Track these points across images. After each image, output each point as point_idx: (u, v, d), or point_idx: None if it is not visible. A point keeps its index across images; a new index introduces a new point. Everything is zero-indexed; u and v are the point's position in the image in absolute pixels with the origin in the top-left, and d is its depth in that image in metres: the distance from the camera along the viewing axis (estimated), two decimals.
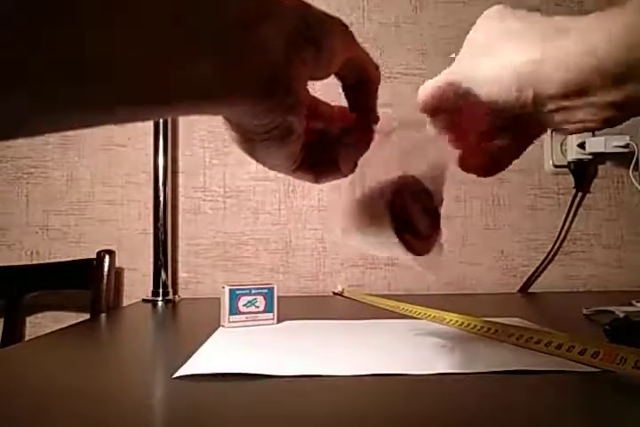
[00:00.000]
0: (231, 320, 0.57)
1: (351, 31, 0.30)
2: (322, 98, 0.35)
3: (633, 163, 0.94)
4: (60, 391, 0.37)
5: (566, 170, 0.98)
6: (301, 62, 0.27)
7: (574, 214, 1.00)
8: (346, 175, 0.34)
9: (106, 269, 0.88)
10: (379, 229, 0.34)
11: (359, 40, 0.31)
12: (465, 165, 0.36)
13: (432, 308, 0.62)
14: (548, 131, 0.36)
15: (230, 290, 0.58)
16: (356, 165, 0.34)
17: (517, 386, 0.36)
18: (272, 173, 1.00)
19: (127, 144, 0.98)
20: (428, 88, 0.37)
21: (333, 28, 0.29)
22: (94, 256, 0.89)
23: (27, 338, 0.93)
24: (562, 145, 0.98)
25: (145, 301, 0.89)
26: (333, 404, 0.33)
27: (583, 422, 0.31)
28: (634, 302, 0.70)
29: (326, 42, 0.28)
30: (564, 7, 1.05)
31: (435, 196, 0.35)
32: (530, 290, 0.97)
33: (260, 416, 0.31)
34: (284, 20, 0.26)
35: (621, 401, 0.34)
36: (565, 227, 0.99)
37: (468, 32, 0.37)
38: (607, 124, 0.32)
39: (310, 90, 0.29)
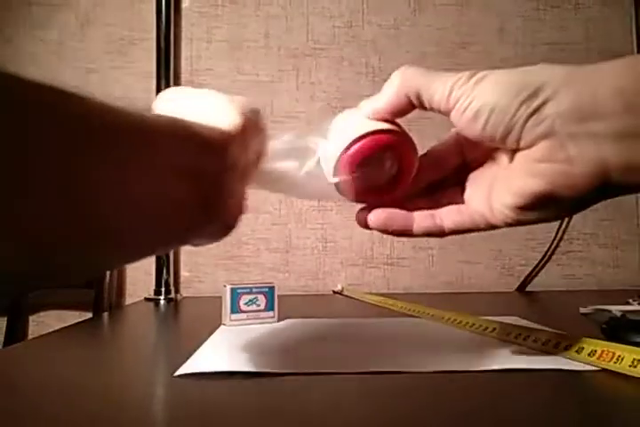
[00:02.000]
0: (232, 319, 0.58)
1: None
2: None
3: None
4: (62, 389, 0.37)
5: None
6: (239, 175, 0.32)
7: None
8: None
9: None
10: None
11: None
12: None
13: (430, 306, 0.62)
14: None
15: (231, 289, 0.58)
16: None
17: (514, 384, 0.36)
18: None
19: None
20: None
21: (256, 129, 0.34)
22: None
23: (30, 337, 0.94)
24: None
25: (147, 299, 0.90)
26: (334, 401, 0.34)
27: (580, 421, 0.31)
28: (630, 301, 0.71)
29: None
30: (561, 9, 1.05)
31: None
32: (527, 289, 0.98)
33: (262, 414, 0.32)
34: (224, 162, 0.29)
35: (618, 400, 0.34)
36: (563, 226, 0.99)
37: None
38: None
39: None
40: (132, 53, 1.00)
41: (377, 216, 0.36)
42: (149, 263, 0.93)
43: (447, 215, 0.36)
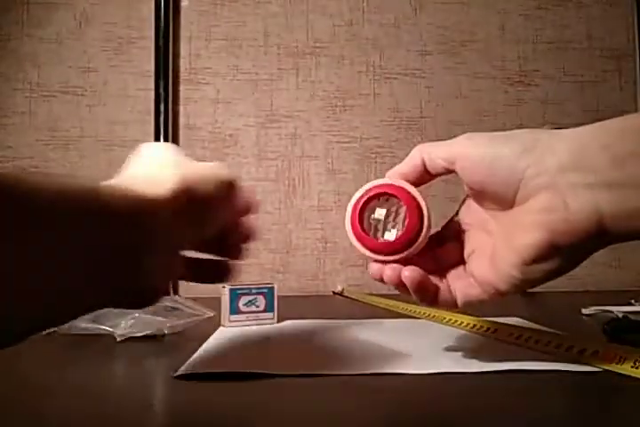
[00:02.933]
0: (231, 320, 0.57)
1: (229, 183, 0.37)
2: None
3: None
4: (61, 389, 0.37)
5: None
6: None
7: None
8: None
9: None
10: None
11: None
12: None
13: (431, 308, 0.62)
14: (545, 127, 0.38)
15: (231, 289, 0.58)
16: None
17: (516, 386, 0.36)
18: (272, 174, 1.00)
19: (128, 145, 0.99)
20: None
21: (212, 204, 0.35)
22: None
23: None
24: None
25: None
26: (334, 402, 0.33)
27: (582, 422, 0.31)
28: (632, 302, 0.71)
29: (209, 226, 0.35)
30: (563, 7, 1.05)
31: None
32: (528, 290, 0.97)
33: (261, 415, 0.31)
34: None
35: (620, 401, 0.34)
36: None
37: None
38: None
39: None
40: (130, 52, 1.00)
41: (412, 276, 0.37)
42: None
43: (459, 288, 0.38)
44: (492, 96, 1.03)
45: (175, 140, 0.98)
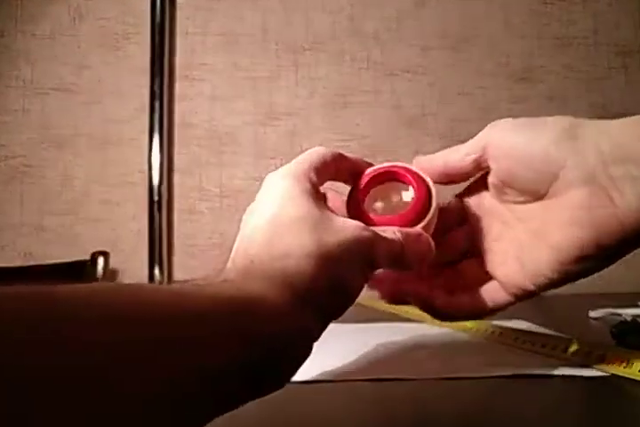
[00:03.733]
0: None
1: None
2: None
3: None
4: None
5: None
6: None
7: None
8: None
9: (100, 270, 0.87)
10: None
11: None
12: None
13: None
14: None
15: None
16: None
17: (522, 390, 0.36)
18: (268, 174, 0.98)
19: (122, 143, 0.97)
20: None
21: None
22: (89, 257, 0.88)
23: None
24: None
25: None
26: (334, 408, 0.33)
27: None
28: None
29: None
30: (568, 2, 1.03)
31: None
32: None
33: (262, 421, 0.31)
34: None
35: (628, 405, 0.33)
36: None
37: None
38: None
39: None
40: (125, 48, 0.99)
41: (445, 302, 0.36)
42: (142, 265, 0.91)
43: (487, 295, 0.36)
44: (495, 93, 1.02)
45: (170, 139, 0.97)
